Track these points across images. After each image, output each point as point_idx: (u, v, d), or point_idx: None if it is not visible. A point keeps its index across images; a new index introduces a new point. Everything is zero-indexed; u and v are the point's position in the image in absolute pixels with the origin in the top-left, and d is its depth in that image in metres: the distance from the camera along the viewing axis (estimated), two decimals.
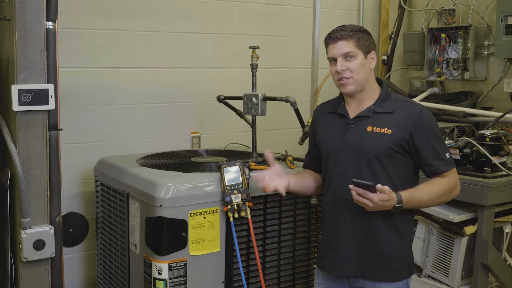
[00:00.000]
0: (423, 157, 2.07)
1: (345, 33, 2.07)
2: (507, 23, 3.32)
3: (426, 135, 2.05)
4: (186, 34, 3.44)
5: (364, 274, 2.11)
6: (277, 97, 2.72)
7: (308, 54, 3.34)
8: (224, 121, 3.55)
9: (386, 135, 2.05)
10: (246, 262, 2.49)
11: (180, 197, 2.31)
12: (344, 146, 2.11)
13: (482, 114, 3.43)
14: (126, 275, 2.59)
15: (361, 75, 2.07)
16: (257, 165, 2.60)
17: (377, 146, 2.05)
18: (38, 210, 2.22)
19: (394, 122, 2.06)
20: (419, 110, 2.08)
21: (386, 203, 1.95)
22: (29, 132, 2.18)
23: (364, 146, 2.07)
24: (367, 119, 2.10)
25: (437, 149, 2.06)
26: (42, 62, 2.18)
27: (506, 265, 2.91)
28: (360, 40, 2.07)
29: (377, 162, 2.05)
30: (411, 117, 2.05)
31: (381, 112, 2.09)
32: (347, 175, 2.07)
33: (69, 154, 3.04)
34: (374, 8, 4.28)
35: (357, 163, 2.08)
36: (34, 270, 2.24)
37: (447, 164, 2.08)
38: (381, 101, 2.11)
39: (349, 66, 2.06)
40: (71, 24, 3.07)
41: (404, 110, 2.08)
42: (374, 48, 2.13)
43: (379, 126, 2.07)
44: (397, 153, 2.05)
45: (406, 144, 2.05)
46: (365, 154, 2.06)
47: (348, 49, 2.06)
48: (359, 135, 2.09)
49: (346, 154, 2.11)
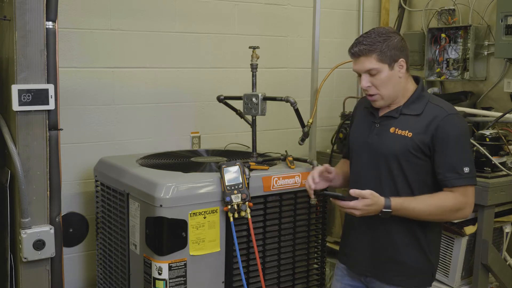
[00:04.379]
0: (437, 165, 1.96)
1: (365, 48, 1.95)
2: (507, 23, 3.31)
3: (445, 142, 1.94)
4: (186, 34, 3.44)
5: (377, 275, 2.09)
6: (277, 97, 2.72)
7: (308, 54, 3.34)
8: (224, 121, 3.55)
9: (406, 138, 1.98)
10: (246, 262, 2.49)
11: (180, 197, 2.31)
12: (367, 145, 2.08)
13: (482, 114, 3.42)
14: (126, 275, 2.59)
15: (388, 89, 1.99)
16: (257, 165, 2.60)
17: (396, 148, 1.99)
18: (38, 210, 2.22)
19: (418, 125, 1.98)
20: (446, 114, 1.96)
21: (372, 207, 1.90)
22: (29, 132, 2.18)
23: (384, 147, 2.02)
24: (392, 120, 2.03)
25: (454, 160, 1.94)
26: (42, 62, 2.18)
27: (506, 265, 2.91)
28: (383, 53, 1.94)
29: (395, 165, 2.00)
30: (435, 121, 1.95)
31: (408, 114, 2.01)
32: (366, 174, 2.05)
33: (69, 154, 3.04)
34: (374, 8, 4.28)
35: (376, 163, 2.04)
36: (34, 270, 2.24)
37: (462, 179, 1.94)
38: (411, 102, 2.03)
39: (374, 82, 1.98)
40: (71, 24, 3.07)
41: (431, 114, 1.97)
42: (402, 53, 1.98)
43: (402, 128, 2.00)
44: (417, 157, 1.97)
45: (427, 148, 1.96)
46: (385, 155, 2.01)
47: (370, 66, 1.96)
48: (381, 135, 2.04)
49: (367, 153, 2.08)
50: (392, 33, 2.00)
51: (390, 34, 1.99)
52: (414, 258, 2.05)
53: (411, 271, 2.05)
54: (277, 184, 2.54)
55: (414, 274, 2.05)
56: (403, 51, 1.99)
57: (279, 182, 2.55)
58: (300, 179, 2.61)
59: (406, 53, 2.01)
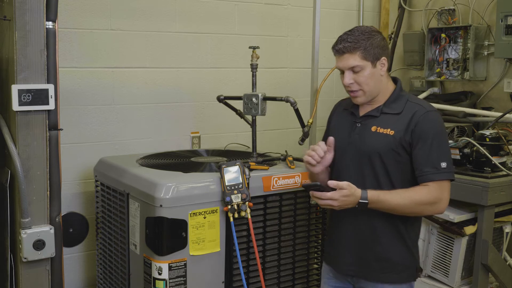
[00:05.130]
0: (415, 160, 1.99)
1: (350, 45, 1.98)
2: (507, 23, 3.31)
3: (424, 138, 1.98)
4: (186, 34, 3.44)
5: (363, 274, 2.10)
6: (277, 97, 2.72)
7: (308, 54, 3.34)
8: (224, 121, 3.55)
9: (388, 136, 2.02)
10: (246, 262, 2.49)
11: (180, 197, 2.31)
12: (349, 144, 2.10)
13: (482, 114, 3.43)
14: (126, 275, 2.59)
15: (370, 86, 2.03)
16: (257, 165, 2.60)
17: (379, 147, 2.02)
18: (38, 210, 2.22)
19: (399, 123, 2.02)
20: (425, 111, 2.01)
21: (349, 199, 1.92)
22: (29, 132, 2.18)
23: (366, 146, 2.05)
24: (374, 119, 2.07)
25: (432, 155, 1.97)
26: (42, 62, 2.18)
27: (506, 265, 2.91)
28: (367, 50, 1.98)
29: (378, 162, 2.03)
30: (415, 118, 2.00)
31: (388, 113, 2.05)
32: (350, 173, 2.07)
33: (69, 154, 3.04)
34: (374, 8, 4.28)
35: (359, 162, 2.07)
36: (34, 270, 2.24)
37: (438, 174, 1.97)
38: (391, 102, 2.07)
39: (357, 79, 2.01)
40: (71, 24, 3.07)
41: (411, 112, 2.02)
42: (384, 52, 2.03)
43: (383, 127, 2.04)
44: (399, 155, 2.01)
45: (408, 146, 2.00)
46: (367, 153, 2.05)
47: (354, 63, 1.99)
48: (363, 134, 2.07)
49: (350, 152, 2.10)
50: (375, 32, 2.04)
51: (373, 33, 2.03)
52: (400, 254, 2.07)
53: (397, 267, 2.07)
54: (277, 184, 2.54)
55: (401, 270, 2.08)
56: (385, 50, 2.04)
57: (279, 182, 2.55)
58: (300, 179, 2.61)
59: (388, 52, 2.07)
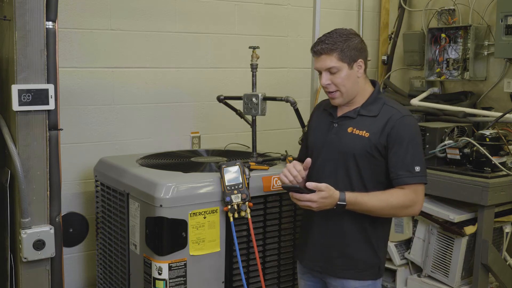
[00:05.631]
0: (390, 163, 2.03)
1: (327, 47, 2.03)
2: (507, 23, 3.31)
3: (399, 142, 2.01)
4: (186, 34, 3.44)
5: (328, 270, 2.14)
6: (277, 97, 2.72)
7: (308, 54, 3.30)
8: (224, 121, 3.55)
9: (363, 138, 2.05)
10: (246, 262, 2.49)
11: (180, 197, 2.31)
12: (326, 144, 2.14)
13: (482, 114, 3.42)
14: (126, 275, 2.59)
15: (347, 87, 2.07)
16: (257, 165, 2.60)
17: (354, 148, 2.05)
18: (38, 210, 2.22)
19: (374, 125, 2.05)
20: (400, 116, 2.04)
21: (328, 200, 1.95)
22: (29, 132, 2.18)
23: (342, 146, 2.08)
24: (350, 120, 2.10)
25: (407, 159, 2.01)
26: (42, 62, 2.18)
27: (506, 265, 2.91)
28: (344, 52, 2.02)
29: (352, 163, 2.06)
30: (390, 122, 2.03)
31: (365, 115, 2.09)
32: (324, 172, 2.11)
33: (69, 154, 3.04)
34: (374, 8, 4.28)
35: (334, 162, 2.10)
36: (34, 270, 2.24)
37: (413, 177, 2.00)
38: (369, 104, 2.11)
39: (334, 80, 2.06)
40: (71, 24, 3.07)
41: (387, 115, 2.06)
42: (361, 54, 2.07)
43: (359, 128, 2.07)
44: (373, 157, 2.04)
45: (383, 148, 2.03)
46: (343, 154, 2.08)
47: (331, 64, 2.04)
48: (340, 134, 2.11)
49: (326, 152, 2.13)
50: (353, 35, 2.08)
51: (351, 35, 2.07)
52: (363, 252, 2.11)
53: (360, 265, 2.11)
54: (277, 184, 2.54)
55: (363, 268, 2.11)
56: (362, 52, 2.08)
57: (279, 182, 2.55)
58: None
59: (365, 54, 2.10)
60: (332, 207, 1.98)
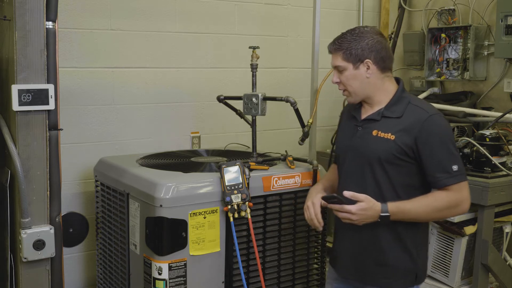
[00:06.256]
0: (425, 167, 1.97)
1: (335, 46, 2.05)
2: (507, 23, 3.32)
3: (430, 143, 1.94)
4: (186, 34, 3.44)
5: (362, 278, 2.09)
6: (277, 97, 2.72)
7: (308, 54, 3.34)
8: (224, 121, 3.55)
9: (389, 141, 1.98)
10: (246, 262, 2.49)
11: (180, 197, 2.31)
12: (351, 148, 2.09)
13: (482, 114, 3.43)
14: (126, 275, 2.59)
15: (353, 87, 2.04)
16: (257, 165, 2.60)
17: (380, 151, 1.99)
18: (38, 210, 2.22)
19: (400, 127, 1.99)
20: (427, 116, 1.97)
21: (368, 212, 1.91)
22: (29, 132, 2.18)
23: (367, 150, 2.03)
24: (374, 123, 2.05)
25: (442, 160, 1.95)
26: (42, 62, 2.18)
27: (506, 265, 2.91)
28: (348, 51, 2.01)
29: (378, 167, 2.00)
30: (417, 123, 1.96)
31: (389, 116, 2.02)
32: (352, 177, 2.06)
33: (69, 154, 3.04)
34: (374, 8, 4.28)
35: (360, 167, 2.05)
36: (34, 270, 2.24)
37: (452, 177, 1.94)
38: (392, 105, 2.04)
39: (341, 78, 2.06)
40: (71, 24, 3.07)
41: (412, 115, 1.99)
42: (370, 54, 2.00)
43: (384, 131, 2.01)
44: (401, 160, 1.98)
45: (410, 151, 1.97)
46: (368, 158, 2.02)
47: (336, 63, 2.05)
48: (364, 138, 2.05)
49: (351, 156, 2.09)
50: (369, 33, 2.02)
51: (364, 34, 2.02)
52: (398, 259, 2.05)
53: (396, 273, 2.05)
54: (277, 184, 2.54)
55: (400, 276, 2.06)
56: (372, 52, 2.01)
57: (279, 182, 2.55)
58: (300, 179, 2.61)
59: (376, 55, 2.01)
60: (375, 220, 1.93)
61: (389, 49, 2.08)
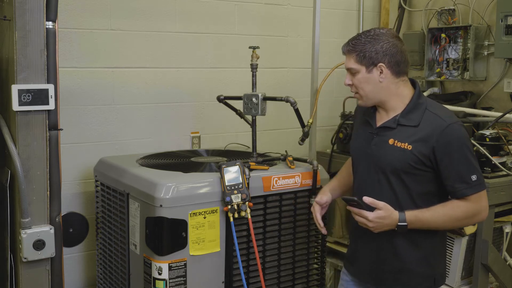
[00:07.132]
0: (444, 177, 1.93)
1: (348, 48, 1.98)
2: (507, 23, 3.31)
3: (449, 154, 1.89)
4: (186, 34, 3.44)
5: (380, 284, 2.08)
6: (277, 97, 2.72)
7: (308, 54, 3.34)
8: (224, 121, 3.55)
9: (406, 151, 1.93)
10: (246, 262, 2.49)
11: (180, 197, 2.31)
12: (366, 156, 2.05)
13: (482, 114, 3.42)
14: (126, 275, 2.59)
15: (366, 90, 1.98)
16: (257, 165, 2.60)
17: (396, 161, 1.95)
18: (38, 210, 2.22)
19: (416, 136, 1.93)
20: (445, 125, 1.90)
21: (385, 221, 1.89)
22: (29, 132, 2.18)
23: (383, 160, 1.98)
24: (390, 131, 1.99)
25: (461, 170, 1.90)
26: (42, 62, 2.18)
27: (506, 265, 2.91)
28: (362, 54, 1.94)
29: (395, 176, 1.96)
30: (435, 133, 1.90)
31: (406, 125, 1.96)
32: (366, 185, 2.04)
33: (69, 154, 3.04)
34: (374, 8, 4.28)
35: (376, 175, 2.01)
36: (34, 270, 2.24)
37: (471, 188, 1.90)
38: (408, 112, 1.98)
39: (354, 81, 2.00)
40: (71, 24, 3.07)
41: (430, 124, 1.93)
42: (383, 58, 1.94)
43: (401, 140, 1.95)
44: (417, 169, 1.93)
45: (428, 160, 1.92)
46: (384, 168, 1.98)
47: (349, 65, 1.99)
48: (380, 146, 2.01)
49: (367, 164, 2.05)
50: (383, 36, 1.95)
51: (379, 37, 1.95)
52: (415, 264, 2.02)
53: (413, 278, 2.03)
54: (277, 184, 2.54)
55: (418, 282, 2.03)
56: (386, 55, 1.94)
57: (279, 182, 2.55)
58: (300, 179, 2.61)
59: (390, 59, 1.95)
60: (392, 228, 1.91)
61: (405, 53, 2.00)
